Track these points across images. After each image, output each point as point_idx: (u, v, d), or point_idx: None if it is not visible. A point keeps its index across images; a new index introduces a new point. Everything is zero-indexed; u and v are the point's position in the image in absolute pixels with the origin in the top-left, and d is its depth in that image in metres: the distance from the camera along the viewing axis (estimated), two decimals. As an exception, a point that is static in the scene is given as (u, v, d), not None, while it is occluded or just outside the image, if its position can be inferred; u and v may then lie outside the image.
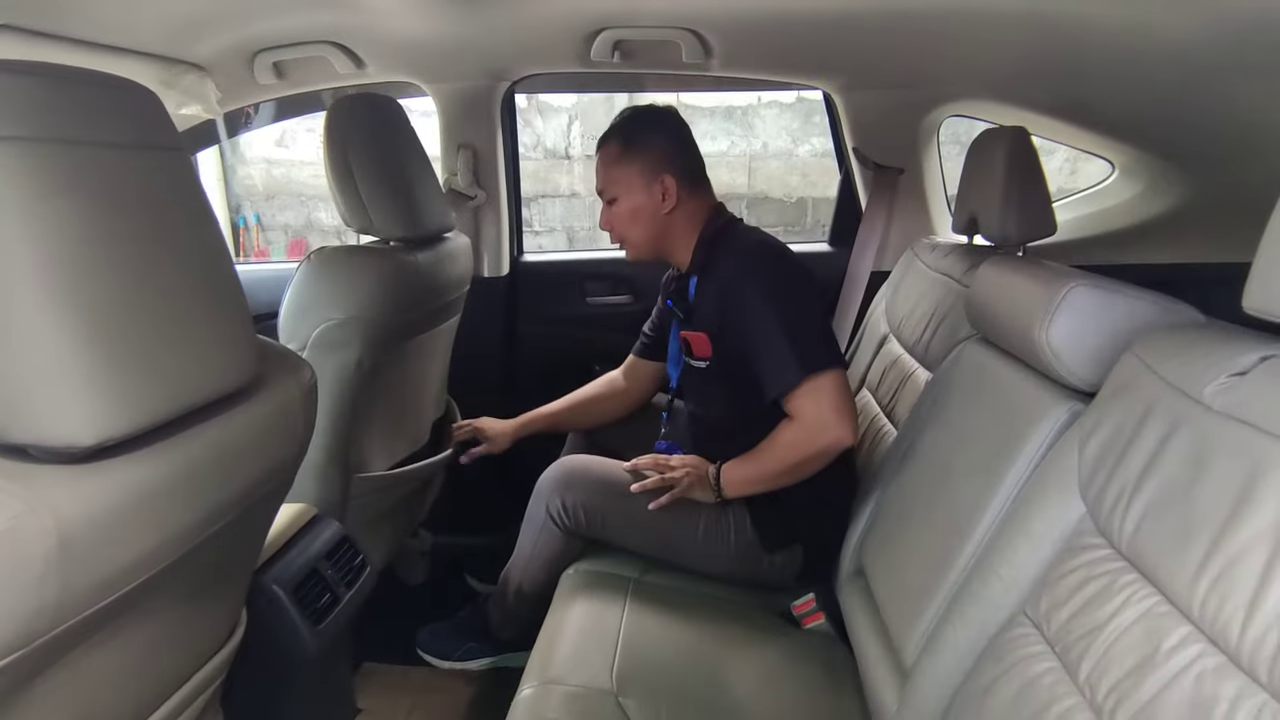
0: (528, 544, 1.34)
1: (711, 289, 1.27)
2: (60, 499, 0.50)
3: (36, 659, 0.53)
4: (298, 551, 1.12)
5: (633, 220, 1.31)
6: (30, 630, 0.50)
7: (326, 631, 1.09)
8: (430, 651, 1.53)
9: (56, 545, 0.49)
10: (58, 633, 0.52)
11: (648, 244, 1.34)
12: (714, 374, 1.30)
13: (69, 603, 0.52)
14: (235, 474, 0.68)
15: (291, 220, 4.97)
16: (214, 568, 0.78)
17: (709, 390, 1.34)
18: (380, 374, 1.28)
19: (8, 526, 0.46)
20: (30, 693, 0.57)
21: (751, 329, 1.19)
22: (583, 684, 1.00)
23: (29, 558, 0.47)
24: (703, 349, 1.30)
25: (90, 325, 0.51)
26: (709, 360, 1.30)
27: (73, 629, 0.54)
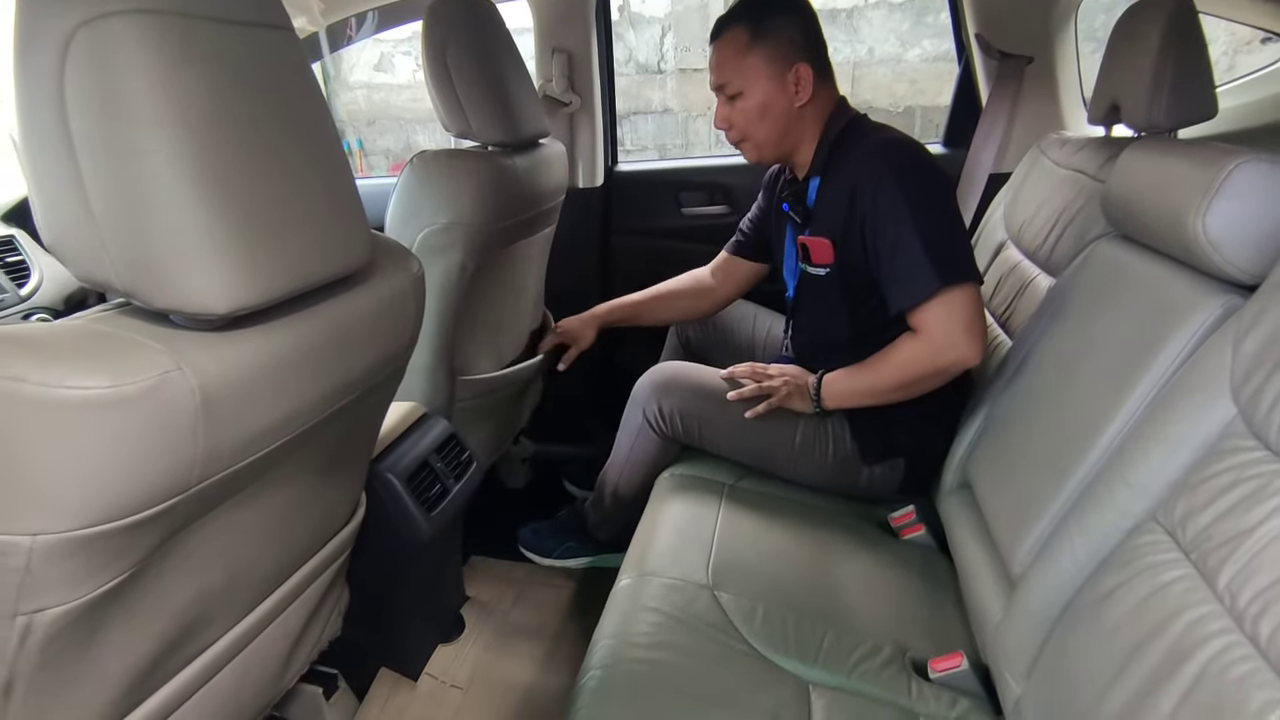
0: (624, 447, 1.36)
1: (837, 191, 1.18)
2: (202, 361, 0.54)
3: (191, 506, 0.58)
4: (410, 445, 1.19)
5: (761, 116, 1.20)
6: (184, 478, 0.54)
7: (438, 519, 1.16)
8: (532, 549, 1.61)
9: (201, 403, 0.53)
10: (208, 484, 0.57)
11: (774, 143, 1.23)
12: (834, 282, 1.22)
13: (215, 456, 0.56)
14: (353, 353, 0.71)
15: (392, 145, 5.09)
16: (336, 448, 0.84)
17: (828, 300, 1.26)
18: (481, 279, 1.30)
19: (159, 381, 0.50)
20: (186, 542, 0.63)
21: (885, 233, 1.10)
22: (679, 577, 1.02)
23: (179, 410, 0.51)
24: (823, 255, 1.22)
25: (222, 198, 0.54)
26: (830, 267, 1.22)
27: (220, 483, 0.59)
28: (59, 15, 0.49)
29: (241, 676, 0.83)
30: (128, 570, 0.56)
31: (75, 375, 0.47)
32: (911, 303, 1.11)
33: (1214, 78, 1.11)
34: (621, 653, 0.89)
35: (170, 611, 0.65)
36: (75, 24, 0.49)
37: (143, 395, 0.49)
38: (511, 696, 1.29)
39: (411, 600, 1.25)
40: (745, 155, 1.28)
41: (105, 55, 0.50)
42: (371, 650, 1.25)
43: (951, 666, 0.92)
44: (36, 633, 0.52)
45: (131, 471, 0.50)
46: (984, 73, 1.66)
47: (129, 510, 0.51)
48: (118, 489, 0.50)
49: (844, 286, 1.21)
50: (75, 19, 0.49)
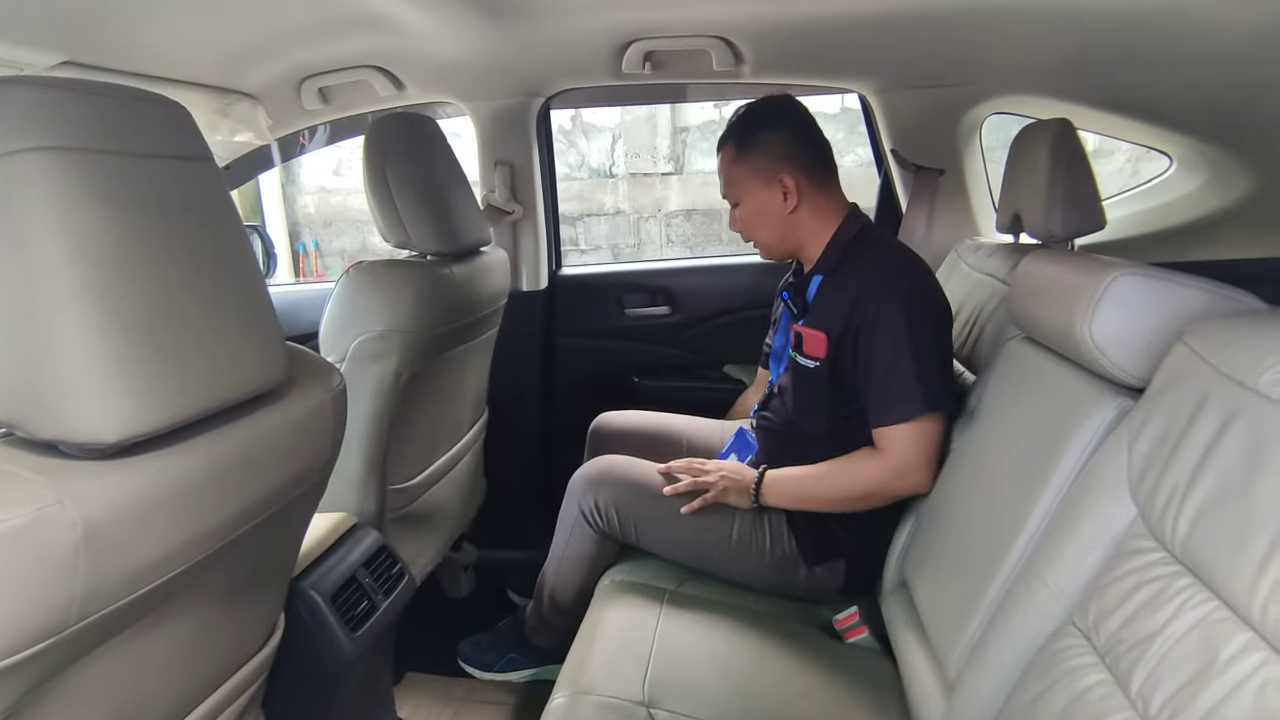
0: (561, 544, 1.34)
1: (839, 293, 1.21)
2: (87, 492, 0.52)
3: (69, 647, 0.54)
4: (336, 559, 1.14)
5: (758, 221, 1.28)
6: (60, 619, 0.51)
7: (364, 638, 1.10)
8: (471, 663, 1.54)
9: (84, 537, 0.51)
10: (89, 622, 0.54)
11: (775, 244, 1.30)
12: (820, 377, 1.23)
13: (98, 594, 0.53)
14: (264, 474, 0.70)
15: (347, 245, 5.15)
16: (249, 569, 0.80)
17: (809, 392, 1.26)
18: (417, 385, 1.30)
19: (36, 517, 0.48)
20: (67, 683, 0.59)
21: (880, 349, 1.13)
22: (615, 694, 0.98)
23: (57, 547, 0.49)
24: (816, 348, 1.23)
25: (119, 326, 0.53)
26: (820, 361, 1.22)
27: (105, 619, 0.56)
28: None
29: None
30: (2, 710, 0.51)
31: (-57, 514, 0.45)
32: (890, 420, 1.14)
33: (1100, 192, 1.21)
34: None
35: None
36: None
37: (15, 533, 0.47)
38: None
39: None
40: (759, 253, 1.34)
41: (11, 191, 0.50)
42: (288, 787, 1.16)
43: (894, 780, 0.90)
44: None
45: (3, 614, 0.48)
46: (901, 183, 1.78)
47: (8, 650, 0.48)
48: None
49: (829, 383, 1.22)
50: None
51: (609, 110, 4.83)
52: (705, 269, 2.03)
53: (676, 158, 4.90)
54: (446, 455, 1.52)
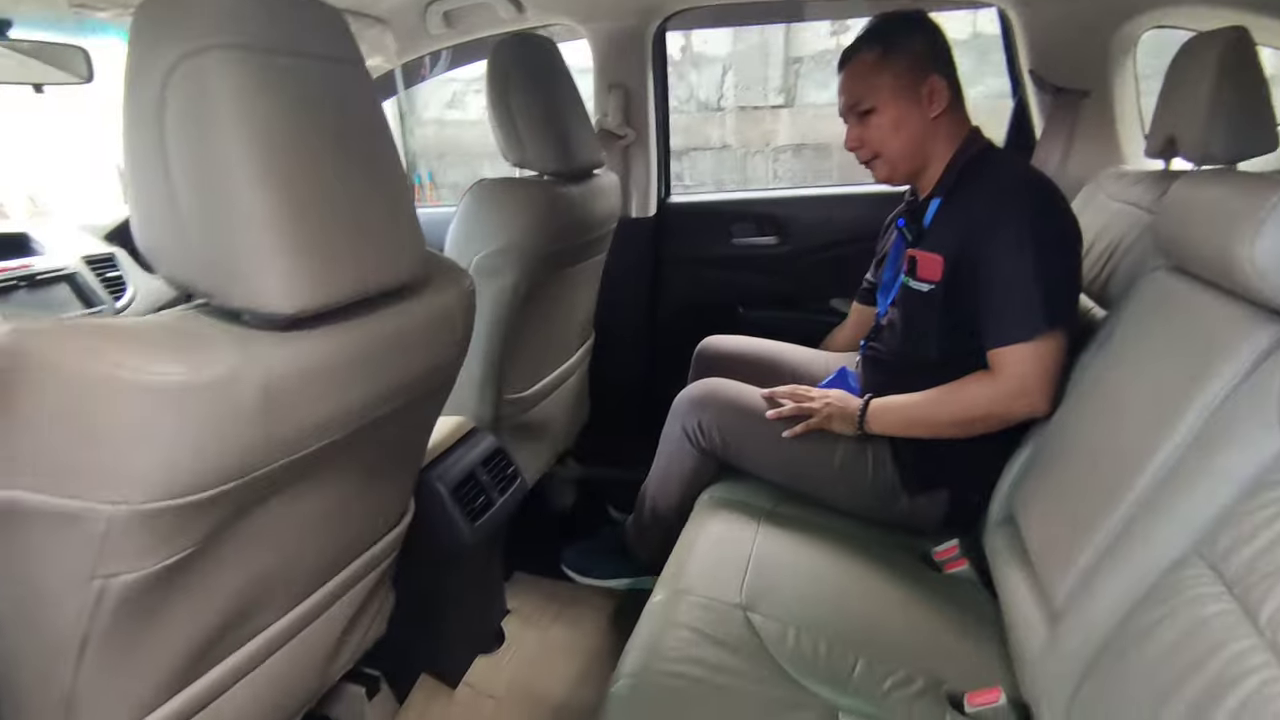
0: (663, 461, 1.38)
1: (958, 213, 1.17)
2: (267, 358, 0.59)
3: (249, 491, 0.63)
4: (457, 457, 1.24)
5: (895, 129, 1.20)
6: (245, 464, 0.60)
7: (481, 529, 1.20)
8: (574, 569, 1.64)
9: (264, 396, 0.58)
10: (264, 472, 0.62)
11: (906, 158, 1.23)
12: (935, 300, 1.19)
13: (273, 447, 0.61)
14: (405, 361, 0.76)
15: (460, 178, 5.31)
16: (388, 449, 0.89)
17: (923, 319, 1.22)
18: (533, 301, 1.36)
19: (231, 373, 0.56)
20: (244, 527, 0.68)
21: (1002, 265, 1.08)
22: (713, 596, 1.03)
23: (245, 401, 0.57)
24: (931, 271, 1.19)
25: (293, 210, 0.59)
26: (935, 284, 1.18)
27: (275, 472, 0.64)
28: (164, 50, 0.56)
29: (289, 665, 0.88)
30: (191, 546, 0.61)
31: (159, 364, 0.53)
32: (1007, 340, 1.09)
33: (1276, 115, 1.09)
34: (651, 665, 0.90)
35: (227, 592, 0.70)
36: (178, 56, 0.56)
37: (213, 385, 0.55)
38: (545, 709, 1.30)
39: (454, 608, 1.29)
40: (876, 174, 1.28)
41: (201, 83, 0.56)
42: (414, 656, 1.29)
43: (988, 701, 0.90)
44: (110, 597, 0.57)
45: (200, 453, 0.56)
46: (1039, 108, 1.65)
47: (196, 489, 0.57)
48: (187, 468, 0.55)
49: (944, 306, 1.18)
50: (178, 52, 0.56)
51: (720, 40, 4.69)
52: (816, 199, 1.97)
53: (788, 90, 4.71)
54: (556, 372, 1.59)
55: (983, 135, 1.25)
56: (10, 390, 0.50)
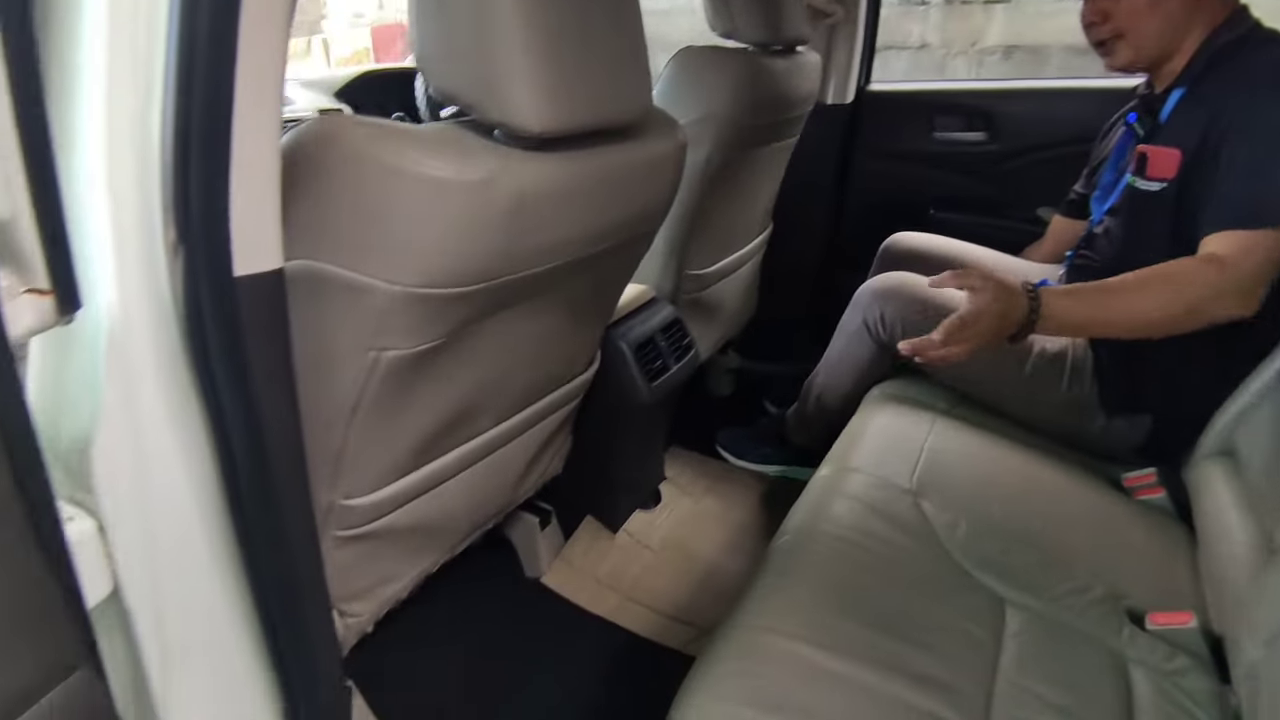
0: (837, 350, 1.37)
1: (1205, 104, 1.02)
2: (516, 172, 0.64)
3: (487, 298, 0.70)
4: (639, 320, 1.29)
5: (1151, 8, 1.05)
6: (490, 268, 0.66)
7: (657, 390, 1.26)
8: (729, 449, 1.69)
9: (513, 206, 0.63)
10: (503, 281, 0.69)
11: (1154, 41, 1.07)
12: (1166, 200, 1.06)
13: (515, 257, 0.68)
14: (626, 198, 0.80)
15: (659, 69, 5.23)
16: (589, 292, 0.94)
17: (1149, 221, 1.09)
18: (723, 177, 1.35)
19: (488, 178, 0.61)
20: (474, 337, 0.76)
21: (1252, 148, 0.95)
22: (882, 477, 1.03)
23: (497, 208, 0.62)
24: (1164, 168, 1.06)
25: (548, 37, 0.63)
26: (1168, 183, 1.05)
27: (512, 284, 0.71)
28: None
29: (490, 474, 0.99)
30: (440, 339, 0.69)
31: (434, 160, 0.59)
32: (1237, 223, 0.96)
33: None
34: (818, 526, 0.93)
35: (457, 391, 0.80)
36: None
37: (474, 186, 0.60)
38: (695, 567, 1.39)
39: (621, 461, 1.38)
40: (1114, 59, 1.12)
41: None
42: (582, 498, 1.41)
43: (1177, 622, 0.86)
44: (379, 369, 0.67)
45: (458, 249, 0.62)
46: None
47: (451, 283, 0.64)
48: (448, 263, 0.63)
49: (1176, 206, 1.05)
50: None
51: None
52: (1034, 93, 1.77)
53: (1009, -19, 4.17)
54: (734, 255, 1.60)
55: (1249, 15, 1.05)
56: (321, 170, 0.58)
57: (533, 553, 1.34)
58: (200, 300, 0.46)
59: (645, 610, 1.30)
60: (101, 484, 0.48)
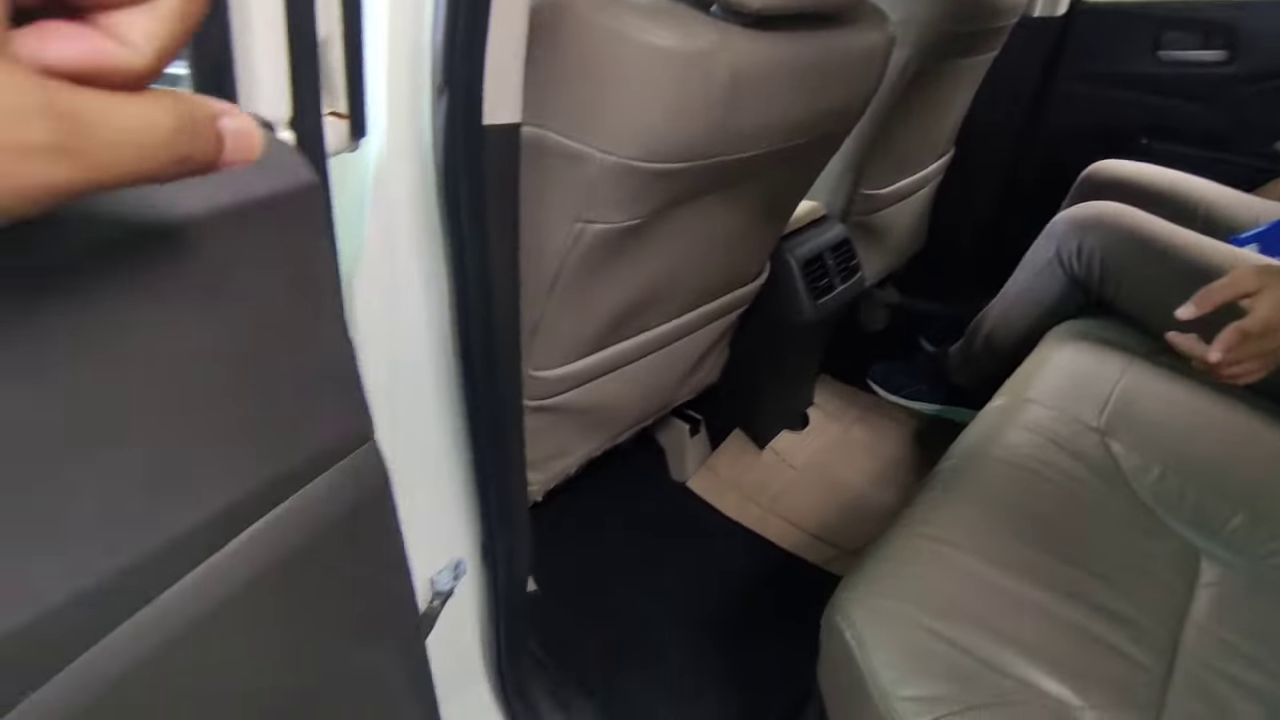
0: (1019, 284, 1.28)
1: None
2: (736, 47, 0.63)
3: (690, 180, 0.71)
4: (809, 236, 1.26)
5: None
6: (701, 147, 0.67)
7: (820, 308, 1.24)
8: (881, 384, 1.65)
9: (731, 81, 0.63)
10: (711, 162, 0.69)
11: None
12: None
13: (728, 137, 0.68)
14: (828, 88, 0.77)
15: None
16: (773, 192, 0.93)
17: None
18: (915, 87, 1.27)
19: (709, 49, 0.61)
20: (667, 222, 0.77)
21: None
22: (1065, 411, 0.97)
23: (716, 80, 0.62)
24: None
25: None
26: None
27: (716, 166, 0.71)
28: None
29: (656, 371, 1.03)
30: (643, 217, 0.71)
31: (658, 29, 0.59)
32: None
33: None
34: (988, 451, 0.89)
35: (644, 278, 0.82)
36: None
37: (695, 57, 0.60)
38: (838, 493, 1.38)
39: (774, 377, 1.38)
40: None
41: None
42: (732, 410, 1.42)
43: None
44: (583, 242, 0.70)
45: (674, 122, 0.63)
46: None
47: (663, 157, 0.65)
48: (664, 135, 0.64)
49: None
50: None
51: None
52: None
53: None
54: (911, 178, 1.51)
55: None
56: (551, 37, 0.60)
57: (680, 458, 1.38)
58: (455, 144, 0.50)
59: (786, 525, 1.31)
60: (359, 311, 0.54)
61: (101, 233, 0.26)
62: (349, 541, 0.42)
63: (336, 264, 0.37)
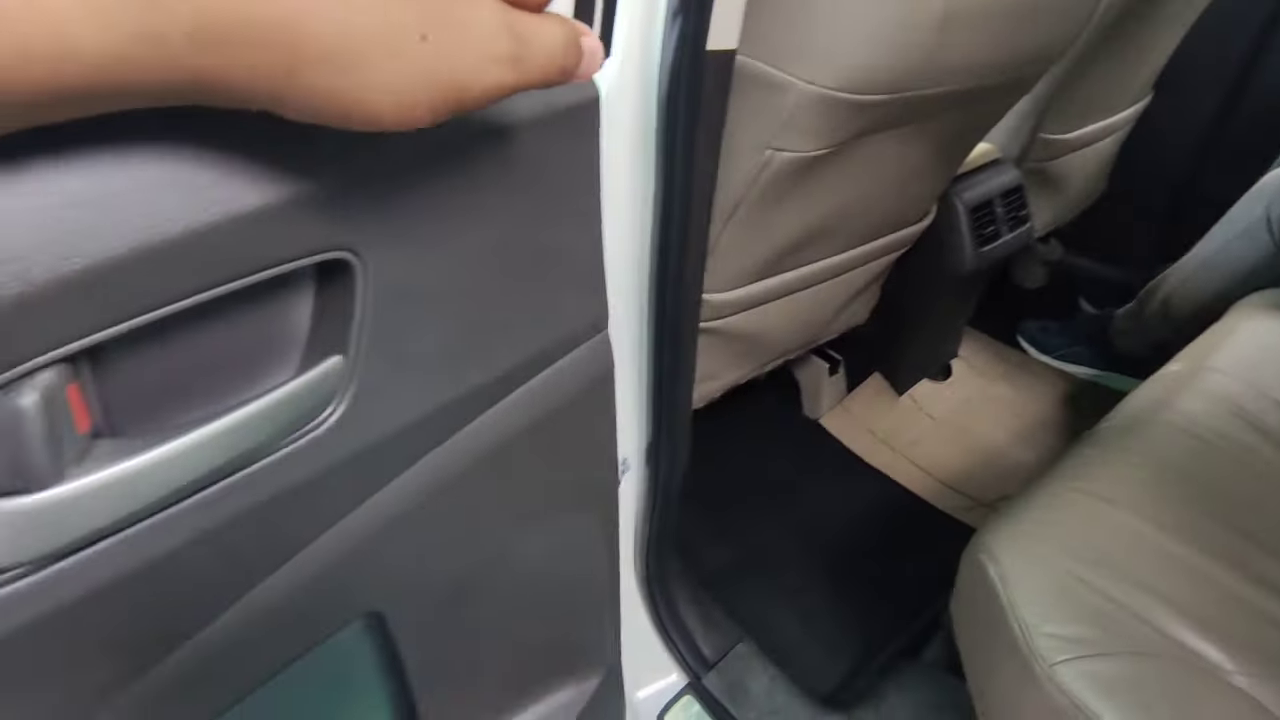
0: (1212, 248, 1.19)
1: None
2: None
3: (887, 113, 0.71)
4: (979, 180, 1.22)
5: None
6: (903, 80, 0.67)
7: (982, 257, 1.20)
8: (1032, 342, 1.58)
9: (944, 13, 0.63)
10: (908, 95, 0.69)
11: None
12: None
13: (928, 72, 0.67)
14: (1038, 23, 0.74)
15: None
16: (960, 128, 0.91)
17: None
18: (1116, 23, 1.17)
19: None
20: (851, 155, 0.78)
21: None
22: (1258, 385, 0.91)
23: (930, 12, 0.62)
24: None
25: None
26: None
27: (914, 101, 0.71)
28: None
29: (811, 305, 1.05)
30: (832, 147, 0.73)
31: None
32: None
33: None
34: (1160, 416, 0.87)
35: (819, 209, 0.84)
36: None
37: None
38: (978, 446, 1.36)
39: (921, 323, 1.36)
40: None
41: None
42: (875, 354, 1.42)
43: None
44: (769, 170, 0.73)
45: (883, 56, 0.64)
46: None
47: (867, 89, 0.66)
48: (869, 66, 0.64)
49: None
50: None
51: None
52: None
53: None
54: (1099, 124, 1.41)
55: None
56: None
57: (816, 395, 1.41)
58: (681, 68, 0.53)
59: (918, 471, 1.32)
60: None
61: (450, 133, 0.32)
62: (578, 417, 0.49)
63: (599, 169, 0.42)
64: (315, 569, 0.36)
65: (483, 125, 0.33)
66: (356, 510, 0.37)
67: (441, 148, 0.31)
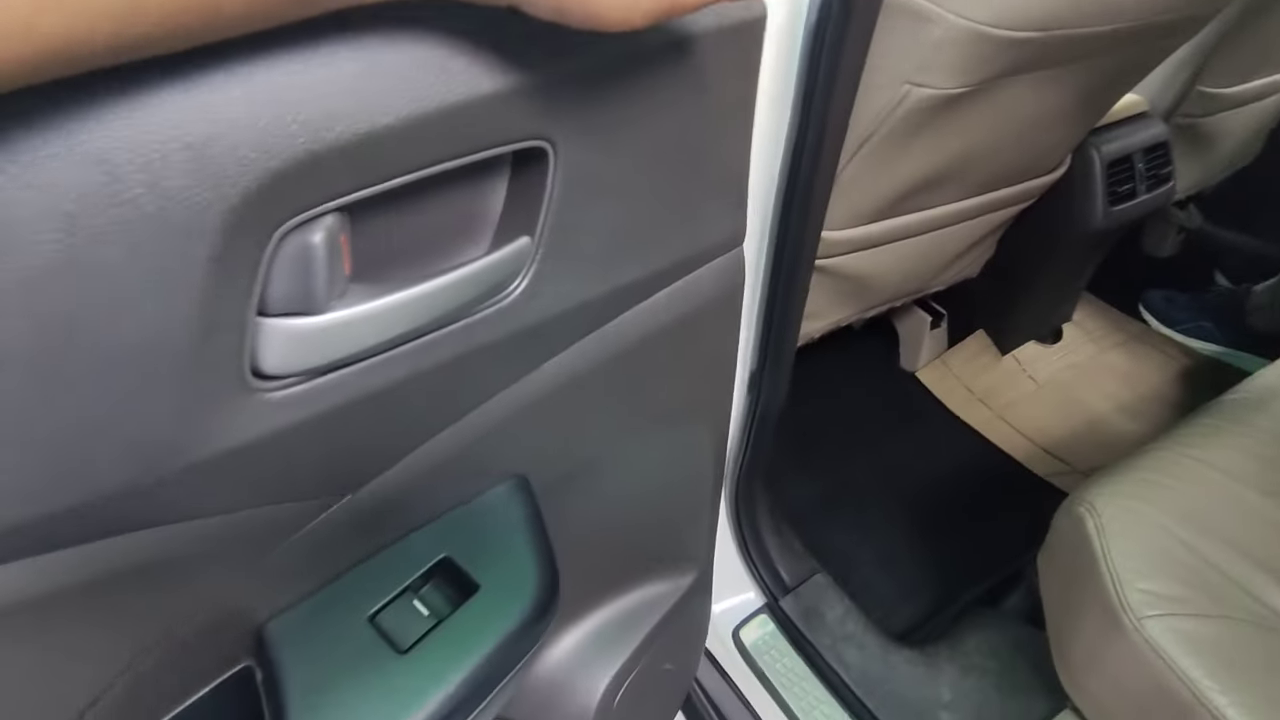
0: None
1: None
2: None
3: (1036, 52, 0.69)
4: (1121, 134, 1.15)
5: None
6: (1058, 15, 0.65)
7: (1114, 216, 1.15)
8: (1155, 313, 1.51)
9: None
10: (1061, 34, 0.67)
11: None
12: None
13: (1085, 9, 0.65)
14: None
15: None
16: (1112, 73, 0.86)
17: None
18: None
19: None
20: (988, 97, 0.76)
21: None
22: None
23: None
24: None
25: None
26: None
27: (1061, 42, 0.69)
28: None
29: (925, 252, 1.03)
30: (973, 85, 0.71)
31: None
32: None
33: None
34: None
35: (948, 151, 0.83)
36: None
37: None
38: (1080, 413, 1.33)
39: (1035, 282, 1.32)
40: None
41: None
42: (981, 309, 1.39)
43: None
44: (904, 105, 0.72)
45: None
46: None
47: (1019, 24, 0.64)
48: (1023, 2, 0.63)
49: None
50: None
51: None
52: None
53: None
54: (1263, 81, 1.29)
55: None
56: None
57: (915, 347, 1.39)
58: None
59: (1014, 432, 1.30)
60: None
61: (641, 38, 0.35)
62: (708, 329, 0.52)
63: (758, 85, 0.44)
64: (479, 428, 0.42)
65: (665, 34, 0.35)
66: (518, 382, 0.42)
67: (634, 51, 0.34)
